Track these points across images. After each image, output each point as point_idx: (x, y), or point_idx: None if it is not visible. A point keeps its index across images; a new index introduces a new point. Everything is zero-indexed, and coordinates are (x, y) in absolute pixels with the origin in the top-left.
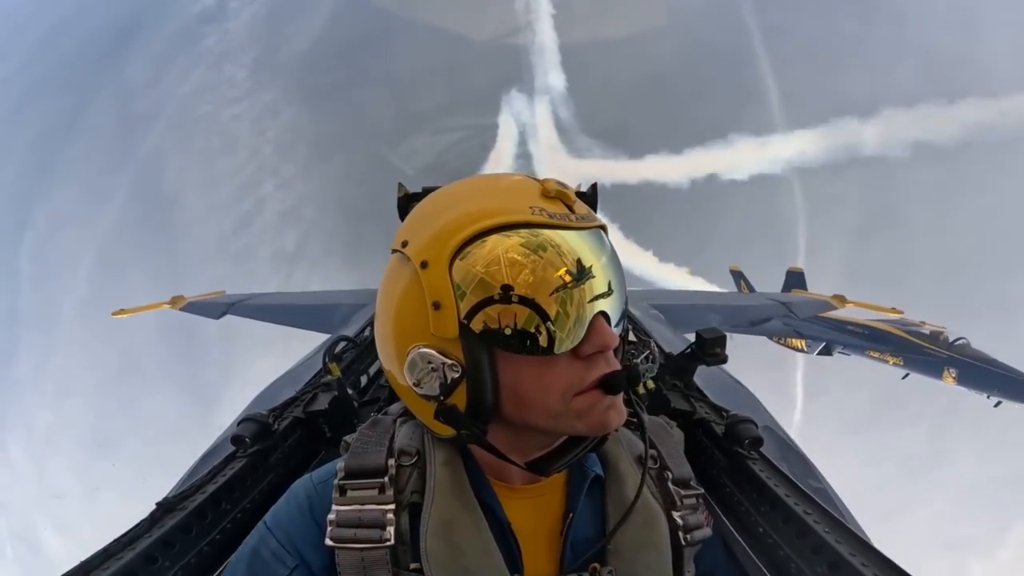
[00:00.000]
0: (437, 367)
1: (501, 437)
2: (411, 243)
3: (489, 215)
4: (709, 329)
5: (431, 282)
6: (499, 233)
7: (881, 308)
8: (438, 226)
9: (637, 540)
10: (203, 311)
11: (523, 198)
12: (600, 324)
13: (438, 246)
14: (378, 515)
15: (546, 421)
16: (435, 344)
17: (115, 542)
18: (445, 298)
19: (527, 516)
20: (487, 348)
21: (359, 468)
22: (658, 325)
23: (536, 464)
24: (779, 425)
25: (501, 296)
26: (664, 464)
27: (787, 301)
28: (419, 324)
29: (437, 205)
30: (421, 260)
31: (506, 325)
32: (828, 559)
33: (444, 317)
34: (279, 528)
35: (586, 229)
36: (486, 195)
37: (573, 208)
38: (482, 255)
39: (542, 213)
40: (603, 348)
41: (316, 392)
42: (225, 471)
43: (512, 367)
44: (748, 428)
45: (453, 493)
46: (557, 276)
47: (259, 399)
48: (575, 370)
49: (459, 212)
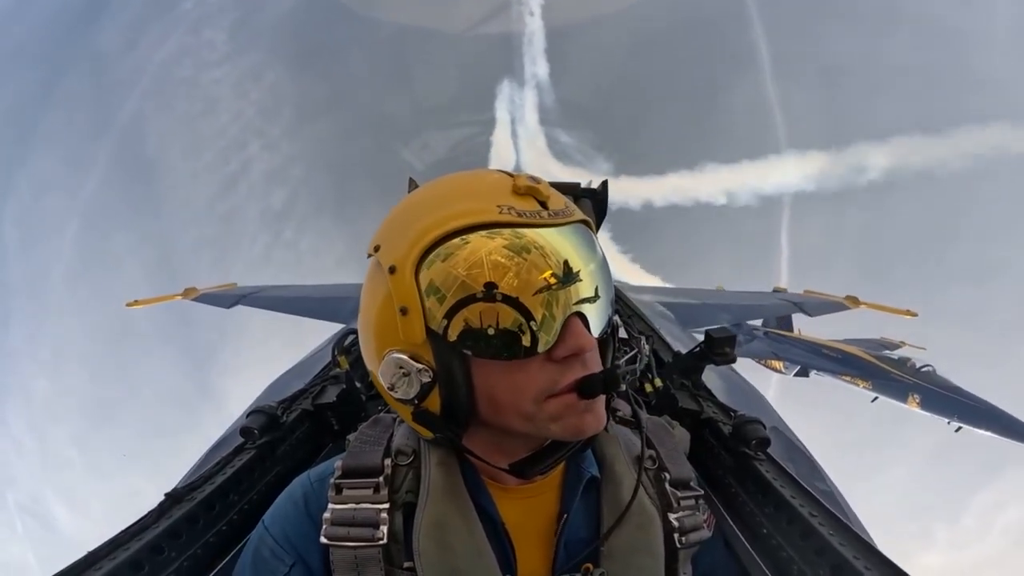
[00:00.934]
0: (409, 371)
1: (482, 439)
2: (382, 248)
3: (454, 218)
4: (719, 328)
5: (398, 288)
6: (466, 234)
7: (895, 310)
8: (404, 231)
9: (631, 543)
10: (215, 302)
11: (491, 197)
12: (574, 325)
13: (404, 252)
14: (372, 514)
15: (521, 424)
16: (407, 349)
17: (123, 532)
18: (411, 304)
19: (521, 516)
20: (455, 351)
21: (355, 467)
22: (667, 323)
23: (519, 466)
24: (787, 426)
25: (464, 296)
26: (662, 465)
27: (800, 301)
28: (391, 329)
29: (406, 209)
30: (389, 265)
31: (467, 327)
32: (832, 562)
33: (411, 323)
34: (276, 526)
35: (561, 225)
36: (453, 197)
37: (547, 204)
38: (445, 257)
39: (510, 212)
40: (577, 351)
41: (325, 385)
42: (233, 462)
43: (484, 370)
44: (755, 428)
45: (447, 493)
46: (520, 274)
47: (268, 391)
48: (548, 373)
49: (425, 216)
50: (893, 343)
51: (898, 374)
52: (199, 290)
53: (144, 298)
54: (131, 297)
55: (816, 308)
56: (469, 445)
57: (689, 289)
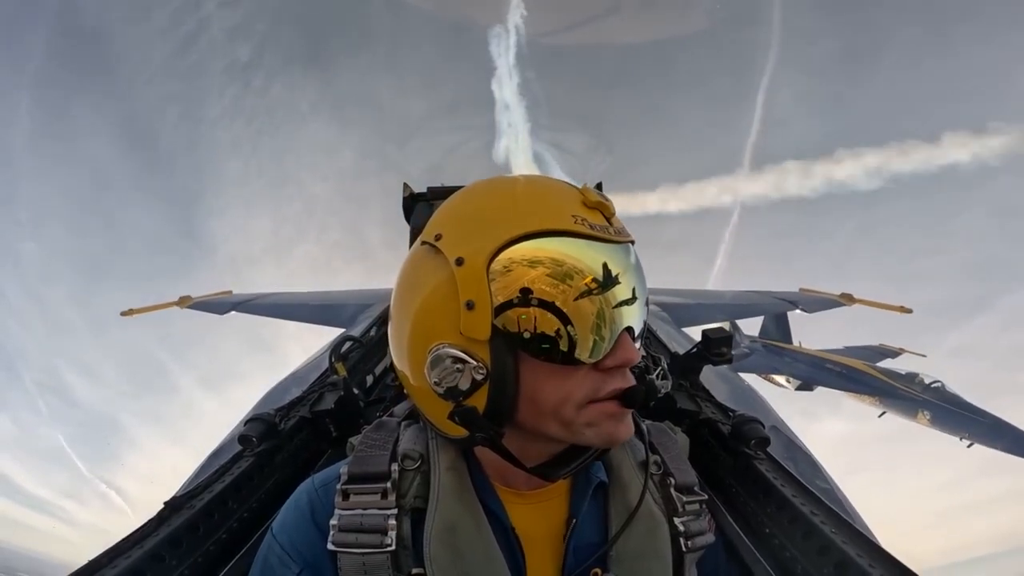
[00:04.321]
0: (462, 368)
1: (511, 441)
2: (446, 237)
3: (533, 219)
4: (715, 328)
5: (466, 280)
6: (540, 238)
7: (890, 307)
8: (479, 223)
9: (639, 548)
10: (211, 309)
11: (565, 205)
12: (625, 339)
13: (478, 244)
14: (380, 520)
15: (557, 429)
16: (461, 344)
17: (124, 540)
18: (480, 298)
19: (531, 521)
20: (513, 352)
21: (362, 473)
22: (662, 324)
23: (541, 470)
24: (786, 425)
25: (532, 300)
26: (667, 470)
27: (795, 299)
28: (447, 322)
29: (477, 202)
30: (457, 256)
31: (531, 329)
32: (835, 560)
33: (477, 318)
34: (283, 533)
35: (623, 243)
36: (529, 198)
37: (611, 220)
38: (519, 258)
39: (584, 223)
40: (626, 363)
41: (322, 392)
42: (232, 470)
43: (533, 373)
44: (754, 428)
45: (457, 498)
46: (587, 285)
47: (266, 399)
48: (592, 381)
49: (502, 212)
50: (893, 350)
51: (906, 390)
52: (193, 298)
53: (138, 307)
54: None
55: (811, 305)
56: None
57: (682, 290)
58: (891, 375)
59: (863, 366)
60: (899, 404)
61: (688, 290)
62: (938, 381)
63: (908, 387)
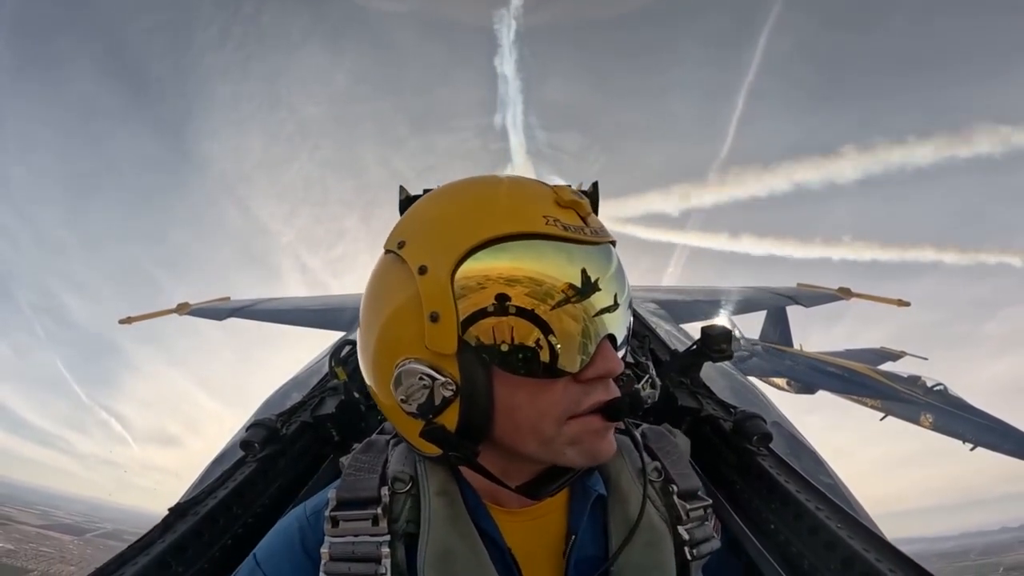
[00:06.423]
0: (428, 384)
1: (491, 460)
2: (409, 244)
3: (500, 222)
4: (715, 325)
5: (429, 291)
6: (508, 242)
7: (887, 300)
8: (443, 229)
9: (641, 561)
10: (209, 315)
11: (536, 206)
12: (606, 348)
13: (441, 251)
14: (372, 547)
15: (536, 447)
16: (427, 358)
17: (130, 548)
18: (445, 309)
19: (527, 539)
20: (484, 366)
21: (351, 498)
22: (661, 321)
23: (527, 488)
24: (789, 421)
25: (503, 309)
26: (669, 476)
27: (794, 294)
28: (411, 335)
29: (442, 206)
30: (420, 265)
31: (503, 340)
32: (841, 555)
33: (442, 330)
34: (268, 563)
35: (600, 244)
36: (496, 200)
37: (587, 220)
38: (487, 265)
39: (556, 224)
40: (608, 374)
41: (323, 396)
42: (235, 476)
43: (508, 387)
44: (757, 424)
45: (449, 522)
46: (563, 292)
47: (267, 404)
48: (572, 394)
49: (468, 216)
50: (894, 353)
51: (908, 393)
52: (192, 304)
53: (136, 315)
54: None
55: (810, 300)
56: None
57: (680, 287)
58: (893, 378)
59: (865, 369)
60: (901, 407)
61: (687, 287)
62: (940, 384)
63: (910, 390)
